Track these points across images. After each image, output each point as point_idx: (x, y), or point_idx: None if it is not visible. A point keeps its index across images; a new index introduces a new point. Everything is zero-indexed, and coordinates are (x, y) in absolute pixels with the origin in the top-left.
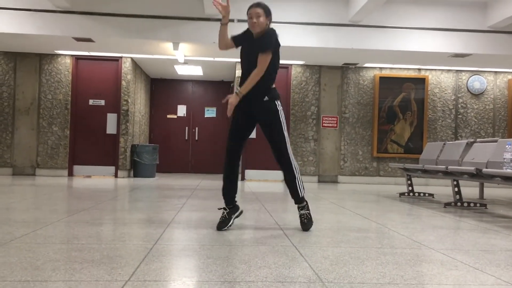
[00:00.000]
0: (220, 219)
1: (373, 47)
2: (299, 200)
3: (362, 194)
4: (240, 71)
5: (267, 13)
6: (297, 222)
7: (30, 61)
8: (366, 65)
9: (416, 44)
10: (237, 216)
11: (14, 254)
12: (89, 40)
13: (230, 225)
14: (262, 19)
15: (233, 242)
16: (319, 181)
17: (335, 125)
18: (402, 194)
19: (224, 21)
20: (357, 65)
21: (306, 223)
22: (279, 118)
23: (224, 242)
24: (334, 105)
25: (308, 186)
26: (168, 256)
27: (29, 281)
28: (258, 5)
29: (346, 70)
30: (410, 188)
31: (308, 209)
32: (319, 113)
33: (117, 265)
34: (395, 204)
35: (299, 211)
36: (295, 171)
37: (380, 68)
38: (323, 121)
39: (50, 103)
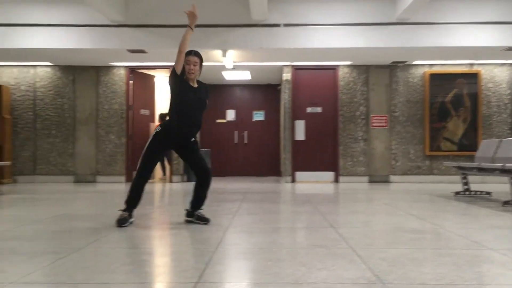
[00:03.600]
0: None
1: (422, 45)
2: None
3: (416, 194)
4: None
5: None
6: (352, 223)
7: (88, 73)
8: (415, 62)
9: (467, 39)
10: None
11: (90, 258)
12: (142, 51)
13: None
14: (197, 67)
15: (291, 245)
16: (370, 181)
17: (385, 124)
18: (457, 193)
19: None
20: (406, 63)
21: (206, 217)
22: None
23: (282, 245)
24: (383, 104)
25: (359, 186)
26: (230, 259)
27: (109, 284)
28: (195, 53)
29: (394, 68)
30: (465, 186)
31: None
32: (368, 113)
33: (185, 268)
34: (450, 204)
35: (196, 212)
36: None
37: (430, 65)
38: (373, 121)
39: (107, 113)
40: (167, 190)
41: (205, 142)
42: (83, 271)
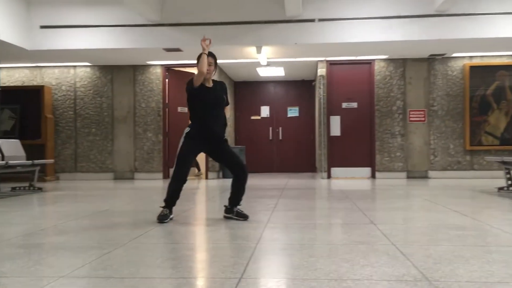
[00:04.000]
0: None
1: (461, 36)
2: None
3: (457, 190)
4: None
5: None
6: (393, 220)
7: (125, 72)
8: (455, 55)
9: (508, 30)
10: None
11: (135, 253)
12: (178, 50)
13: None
14: (212, 67)
15: (332, 241)
16: (408, 177)
17: (423, 119)
18: (500, 188)
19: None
20: (445, 56)
21: (245, 213)
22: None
23: (323, 241)
24: (421, 99)
25: (397, 182)
26: (272, 255)
27: (154, 278)
28: (210, 54)
29: (432, 61)
30: (509, 182)
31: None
32: (405, 108)
33: (228, 264)
34: (494, 200)
35: (235, 208)
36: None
37: (470, 57)
38: (410, 115)
39: (144, 111)
40: (203, 187)
41: (240, 139)
42: (128, 265)
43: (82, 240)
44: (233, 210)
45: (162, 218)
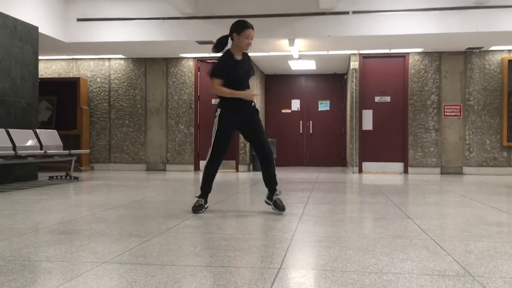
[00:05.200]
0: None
1: (501, 29)
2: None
3: (493, 186)
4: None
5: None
6: (429, 215)
7: (158, 65)
8: (492, 48)
9: None
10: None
11: (173, 242)
12: (211, 42)
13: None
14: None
15: (369, 235)
16: (441, 173)
17: (459, 113)
18: None
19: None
20: (482, 49)
21: (282, 205)
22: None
23: (360, 234)
24: (457, 93)
25: (431, 178)
26: (309, 247)
27: (194, 266)
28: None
29: (469, 55)
30: None
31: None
32: (440, 102)
33: (266, 254)
34: None
35: (275, 196)
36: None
37: (509, 50)
38: (445, 110)
39: (176, 103)
40: (235, 179)
41: (270, 132)
42: (168, 253)
43: (120, 228)
44: (273, 199)
45: (197, 209)
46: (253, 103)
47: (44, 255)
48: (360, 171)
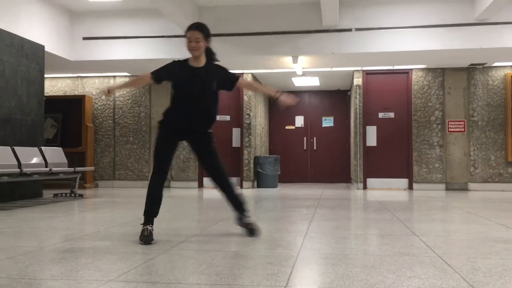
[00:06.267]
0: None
1: (504, 45)
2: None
3: (499, 203)
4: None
5: (206, 35)
6: (435, 232)
7: (163, 82)
8: (496, 64)
9: None
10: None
11: (178, 260)
12: (215, 60)
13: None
14: (201, 43)
15: (375, 252)
16: (446, 189)
17: (463, 129)
18: None
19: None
20: (485, 65)
21: (256, 229)
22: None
23: (366, 252)
24: (461, 109)
25: (435, 194)
26: (315, 264)
27: (200, 284)
28: (197, 27)
29: (473, 71)
30: None
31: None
32: (444, 118)
33: (272, 272)
34: None
35: (245, 220)
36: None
37: None
38: (449, 126)
39: None
40: None
41: (274, 149)
42: (173, 271)
43: (125, 245)
44: (243, 221)
45: (146, 239)
46: (209, 130)
47: (49, 274)
48: (365, 187)
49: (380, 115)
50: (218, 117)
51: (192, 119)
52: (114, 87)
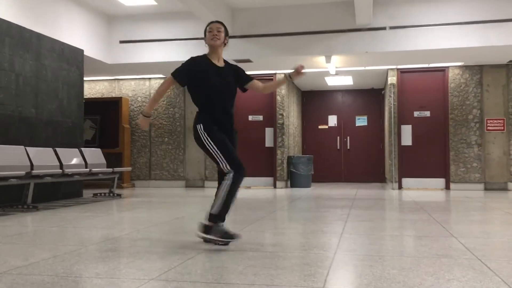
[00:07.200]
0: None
1: None
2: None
3: None
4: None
5: (227, 32)
6: (474, 233)
7: None
8: None
9: None
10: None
11: (216, 259)
12: (248, 60)
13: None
14: (222, 34)
15: (412, 254)
16: (485, 189)
17: (502, 128)
18: None
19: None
20: None
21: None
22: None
23: (402, 253)
24: (500, 107)
25: (473, 194)
26: (351, 265)
27: (238, 284)
28: (218, 21)
29: None
30: None
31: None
32: (482, 116)
33: (308, 272)
34: None
35: (220, 226)
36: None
37: None
38: (488, 124)
39: None
40: (272, 196)
41: (307, 148)
42: (212, 271)
43: (165, 245)
44: (211, 228)
45: (230, 237)
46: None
47: (94, 272)
48: (400, 187)
49: (416, 114)
50: (251, 117)
51: (224, 119)
52: (148, 113)
